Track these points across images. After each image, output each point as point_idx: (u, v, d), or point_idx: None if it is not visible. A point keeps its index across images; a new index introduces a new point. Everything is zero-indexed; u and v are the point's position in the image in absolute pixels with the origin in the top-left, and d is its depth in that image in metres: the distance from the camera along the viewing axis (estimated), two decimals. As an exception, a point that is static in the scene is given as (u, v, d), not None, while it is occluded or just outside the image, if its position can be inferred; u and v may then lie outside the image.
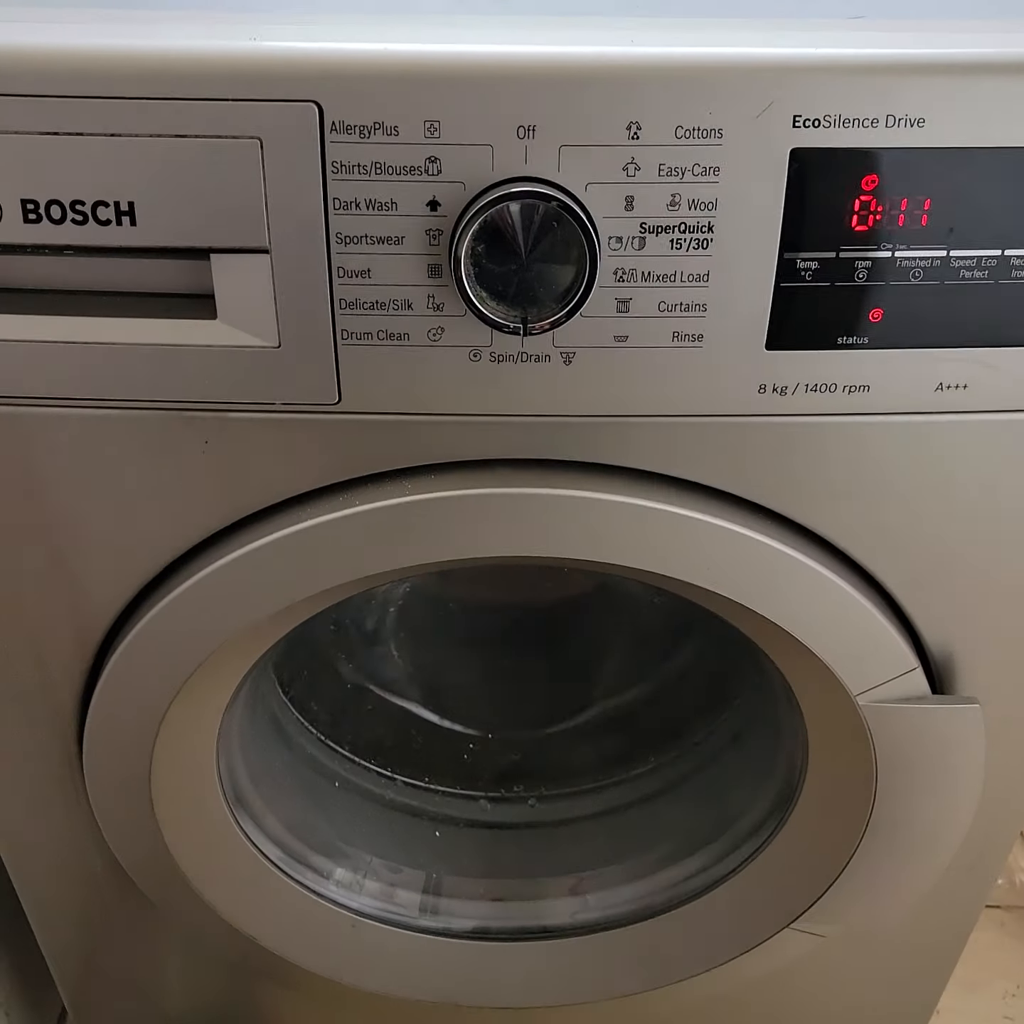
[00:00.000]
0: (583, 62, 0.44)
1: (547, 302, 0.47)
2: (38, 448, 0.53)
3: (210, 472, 0.54)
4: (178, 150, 0.45)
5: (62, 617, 0.60)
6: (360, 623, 0.89)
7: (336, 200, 0.46)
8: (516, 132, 0.45)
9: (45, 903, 0.77)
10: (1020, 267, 0.48)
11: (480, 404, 0.52)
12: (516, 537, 0.56)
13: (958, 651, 0.62)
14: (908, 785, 0.65)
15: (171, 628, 0.58)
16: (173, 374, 0.50)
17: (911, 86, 0.45)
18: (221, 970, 0.82)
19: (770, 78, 0.44)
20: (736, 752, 0.81)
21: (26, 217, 0.46)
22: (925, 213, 0.47)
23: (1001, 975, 1.14)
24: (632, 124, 0.45)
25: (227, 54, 0.44)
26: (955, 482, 0.55)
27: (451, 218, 0.46)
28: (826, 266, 0.48)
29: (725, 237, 0.47)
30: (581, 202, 0.46)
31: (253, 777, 0.73)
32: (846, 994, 0.83)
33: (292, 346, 0.49)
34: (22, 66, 0.44)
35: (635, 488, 0.55)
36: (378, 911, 0.78)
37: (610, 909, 0.79)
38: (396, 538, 0.55)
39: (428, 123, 0.45)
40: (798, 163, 0.46)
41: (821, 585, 0.57)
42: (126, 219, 0.46)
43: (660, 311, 0.49)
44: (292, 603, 0.58)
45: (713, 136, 0.45)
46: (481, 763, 0.89)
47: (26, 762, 0.67)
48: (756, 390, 0.51)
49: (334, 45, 0.44)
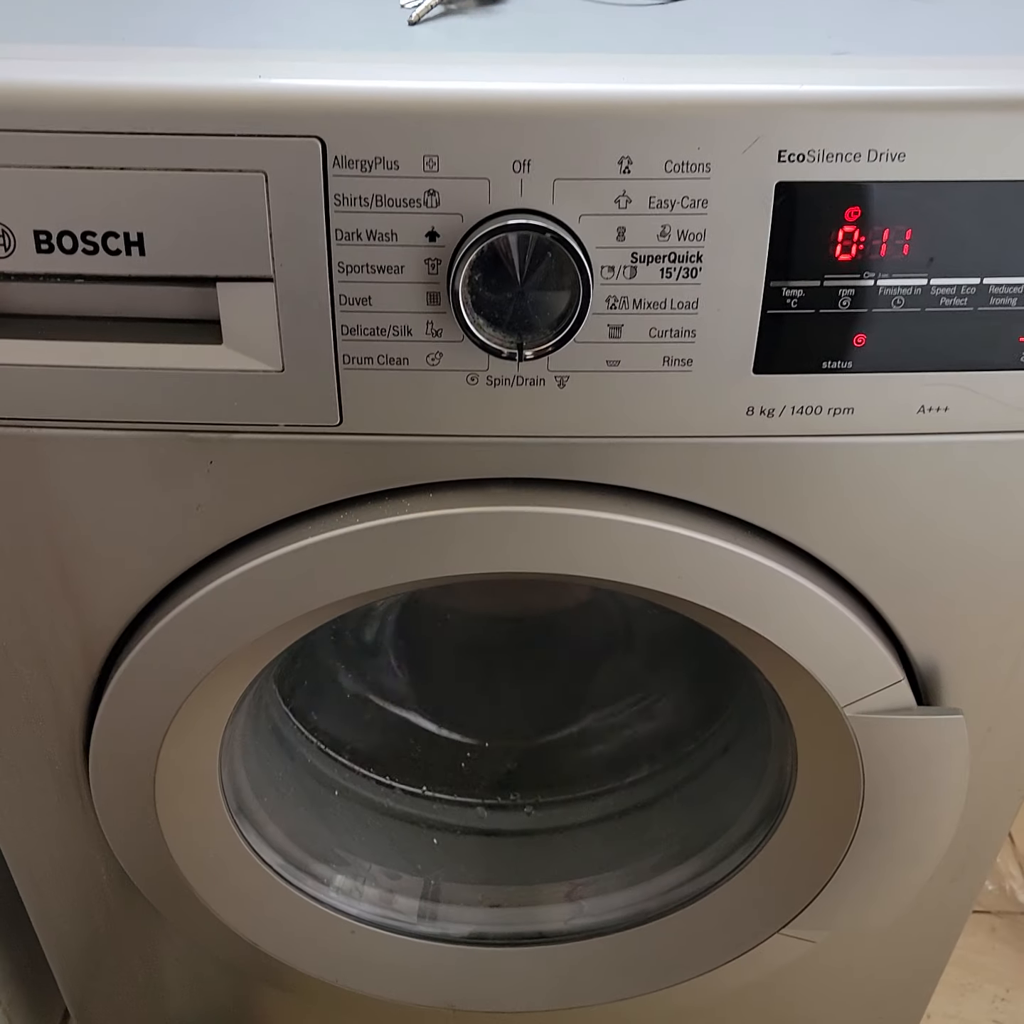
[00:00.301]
0: (576, 99, 0.46)
1: (542, 328, 0.49)
2: (49, 467, 0.55)
3: (215, 491, 0.56)
4: (186, 183, 0.47)
5: (69, 632, 0.61)
6: (359, 634, 0.90)
7: (338, 231, 0.48)
8: (512, 166, 0.47)
9: (50, 910, 0.78)
10: (998, 295, 0.50)
11: (477, 426, 0.53)
12: (513, 554, 0.57)
13: (943, 663, 0.64)
14: (894, 794, 0.66)
15: (175, 643, 0.59)
16: (180, 397, 0.52)
17: (892, 122, 0.46)
18: (222, 974, 0.83)
19: (756, 115, 0.46)
20: (727, 761, 0.82)
21: (39, 247, 0.48)
22: (906, 243, 0.49)
23: (991, 980, 1.15)
24: (623, 158, 0.47)
25: (234, 91, 0.46)
26: (935, 500, 0.57)
27: (449, 248, 0.48)
28: (811, 294, 0.50)
29: (713, 266, 0.49)
30: (575, 233, 0.48)
31: (255, 787, 0.74)
32: (836, 999, 0.85)
33: (295, 370, 0.51)
34: (35, 103, 0.46)
35: (629, 507, 0.56)
36: (377, 917, 0.79)
37: (605, 915, 0.80)
38: (395, 555, 0.57)
39: (427, 157, 0.46)
40: (783, 196, 0.47)
41: (809, 600, 0.59)
42: (135, 249, 0.48)
43: (651, 337, 0.51)
44: (293, 618, 0.59)
45: (701, 170, 0.47)
46: (478, 771, 0.90)
47: (33, 773, 0.68)
48: (744, 412, 0.53)
49: (336, 83, 0.46)
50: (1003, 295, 0.50)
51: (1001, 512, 0.58)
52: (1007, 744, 0.68)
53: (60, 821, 0.71)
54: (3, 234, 0.48)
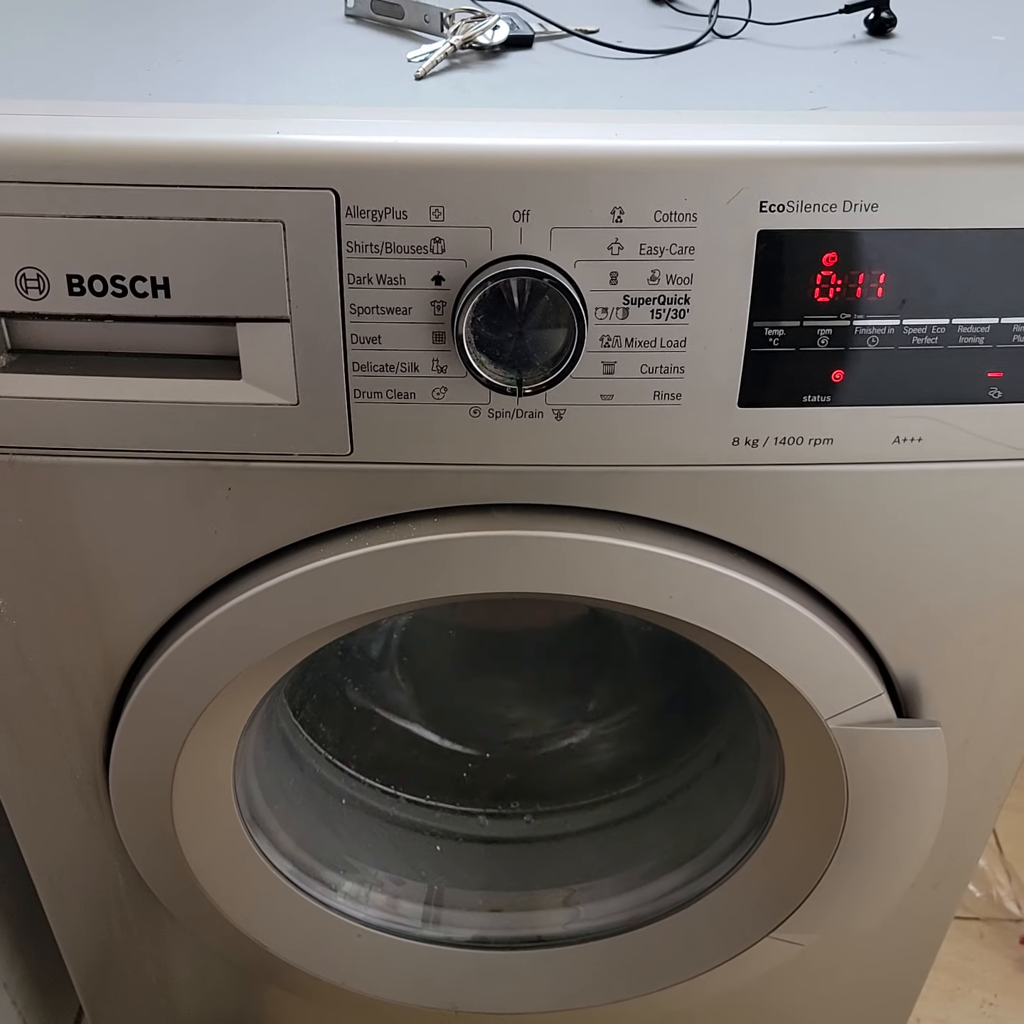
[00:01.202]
0: (572, 154, 0.49)
1: (540, 366, 0.52)
2: (77, 494, 0.58)
3: (233, 516, 0.59)
4: (209, 231, 0.50)
5: (92, 649, 0.64)
6: (366, 649, 0.92)
7: (351, 275, 0.51)
8: (512, 216, 0.50)
9: (68, 913, 0.81)
10: (966, 334, 0.53)
11: (479, 455, 0.56)
12: (513, 575, 0.60)
13: (921, 678, 0.67)
14: (877, 802, 0.69)
15: (193, 660, 0.62)
16: (201, 428, 0.55)
17: (865, 175, 0.50)
18: (233, 975, 0.85)
19: (739, 168, 0.49)
20: (718, 772, 0.84)
21: (71, 290, 0.51)
22: (880, 287, 0.52)
23: (979, 985, 1.17)
24: (616, 209, 0.50)
25: (254, 147, 0.49)
26: (911, 524, 0.60)
27: (454, 291, 0.51)
28: (792, 333, 0.53)
29: (700, 308, 0.52)
30: (571, 277, 0.51)
31: (267, 797, 0.77)
32: (823, 1001, 0.87)
33: (309, 404, 0.54)
34: (69, 158, 0.49)
35: (622, 531, 0.59)
36: (383, 921, 0.81)
37: (601, 919, 0.83)
38: (402, 576, 0.60)
39: (433, 208, 0.50)
40: (765, 243, 0.51)
41: (793, 618, 0.62)
42: (161, 292, 0.51)
43: (642, 373, 0.54)
44: (305, 636, 0.62)
45: (688, 219, 0.50)
46: (479, 781, 0.92)
47: (55, 782, 0.71)
48: (730, 443, 0.56)
49: (349, 139, 0.49)
50: (971, 334, 0.53)
51: (974, 534, 0.61)
52: (984, 755, 0.71)
53: (80, 828, 0.74)
54: (38, 278, 0.51)
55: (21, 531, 0.60)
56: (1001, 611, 0.64)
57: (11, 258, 0.51)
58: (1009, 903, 1.24)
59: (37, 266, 0.51)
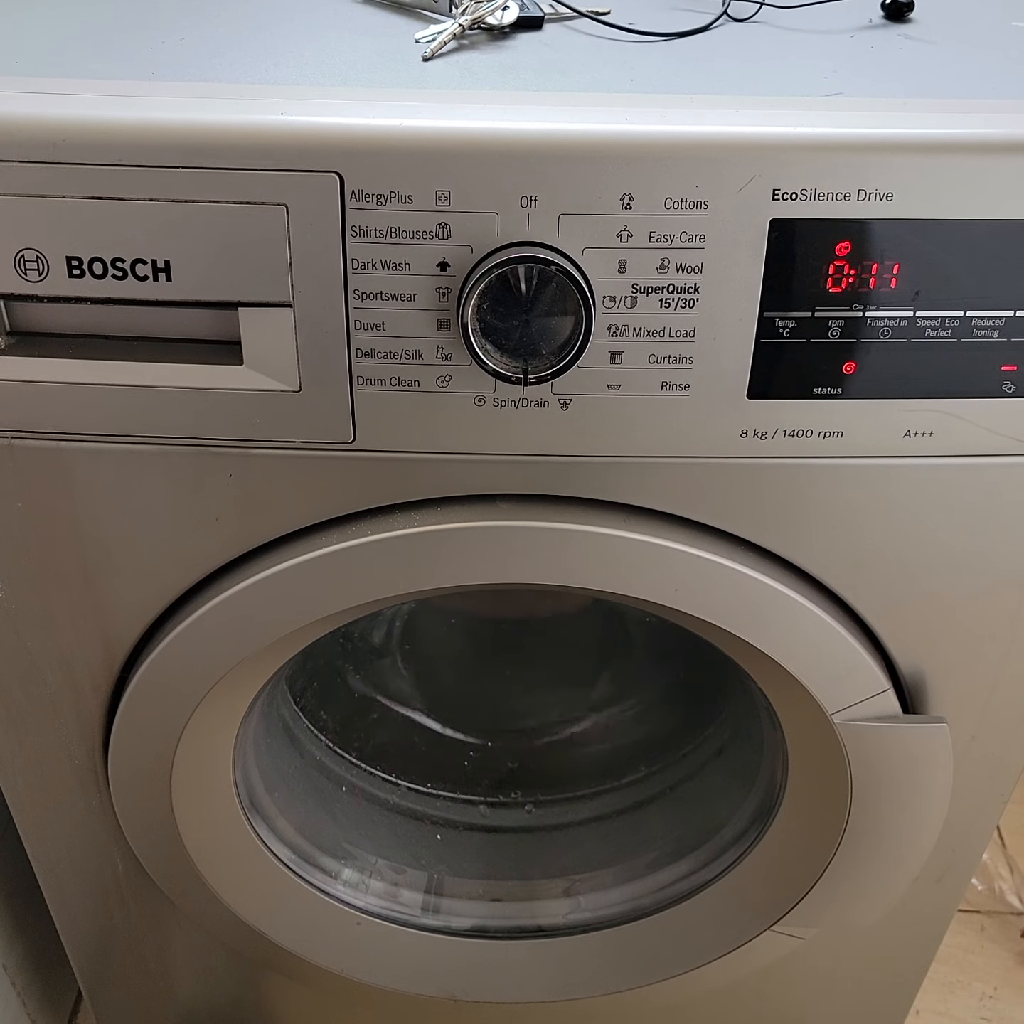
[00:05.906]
0: (581, 139, 0.48)
1: (546, 355, 0.51)
2: (77, 479, 0.57)
3: (234, 502, 0.58)
4: (211, 214, 0.49)
5: (92, 634, 0.64)
6: (367, 637, 0.92)
7: (354, 261, 0.50)
8: (519, 201, 0.49)
9: (67, 897, 0.81)
10: (980, 327, 0.52)
11: (483, 444, 0.56)
12: (516, 566, 0.59)
13: (928, 674, 0.66)
14: (880, 798, 0.68)
15: (193, 647, 0.62)
16: (202, 414, 0.55)
17: (881, 163, 0.49)
18: (232, 961, 0.85)
19: (752, 155, 0.49)
20: (721, 764, 0.84)
21: (71, 272, 0.51)
22: (894, 277, 0.51)
23: (979, 978, 1.17)
24: (625, 195, 0.49)
25: (257, 128, 0.48)
26: (921, 519, 0.59)
27: (459, 278, 0.50)
28: (803, 324, 0.52)
29: (710, 297, 0.51)
30: (578, 265, 0.50)
31: (267, 783, 0.76)
32: (824, 995, 0.87)
33: (312, 391, 0.54)
34: (70, 137, 0.48)
35: (627, 523, 0.58)
36: (382, 909, 0.81)
37: (601, 910, 0.83)
38: (405, 565, 0.59)
39: (439, 192, 0.49)
40: (777, 231, 0.50)
41: (800, 613, 0.61)
42: (162, 275, 0.51)
43: (650, 363, 0.53)
44: (306, 624, 0.61)
45: (699, 207, 0.49)
46: (480, 770, 0.92)
47: (54, 767, 0.71)
48: (739, 435, 0.55)
49: (354, 121, 0.48)
50: (985, 327, 0.52)
51: (984, 530, 0.60)
52: (990, 751, 0.70)
53: (79, 814, 0.74)
54: (37, 259, 0.50)
55: (20, 516, 0.59)
56: (1010, 608, 0.63)
57: (10, 239, 0.50)
58: (1011, 896, 1.24)
59: (36, 247, 0.50)
